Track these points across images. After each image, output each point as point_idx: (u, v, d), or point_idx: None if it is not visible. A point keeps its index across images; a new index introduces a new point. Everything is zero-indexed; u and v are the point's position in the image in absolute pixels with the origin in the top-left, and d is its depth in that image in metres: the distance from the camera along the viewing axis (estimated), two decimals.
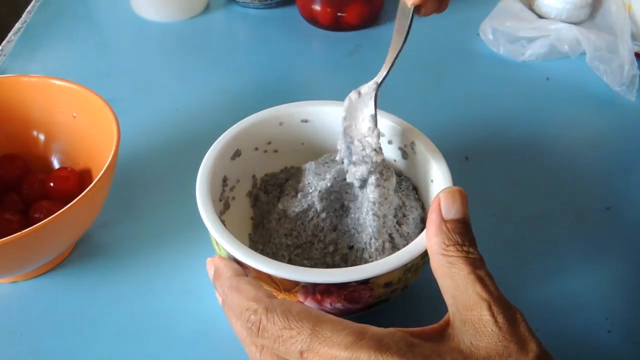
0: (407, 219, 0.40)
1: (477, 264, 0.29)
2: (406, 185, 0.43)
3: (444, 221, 0.31)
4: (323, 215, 0.39)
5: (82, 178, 0.46)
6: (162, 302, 0.41)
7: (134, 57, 0.66)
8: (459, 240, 0.30)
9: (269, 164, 0.44)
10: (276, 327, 0.28)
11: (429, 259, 0.37)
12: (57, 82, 0.45)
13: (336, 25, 0.69)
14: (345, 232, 0.39)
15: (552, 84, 0.62)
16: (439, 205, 0.31)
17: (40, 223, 0.35)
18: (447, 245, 0.30)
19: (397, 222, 0.40)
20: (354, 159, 0.38)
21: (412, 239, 0.36)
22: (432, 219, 0.31)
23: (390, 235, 0.39)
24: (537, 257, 0.44)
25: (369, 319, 0.40)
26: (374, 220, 0.38)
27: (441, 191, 0.32)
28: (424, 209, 0.42)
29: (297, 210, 0.39)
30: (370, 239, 0.38)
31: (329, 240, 0.39)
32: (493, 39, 0.65)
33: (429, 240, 0.31)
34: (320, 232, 0.39)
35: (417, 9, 0.36)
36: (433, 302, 0.41)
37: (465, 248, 0.30)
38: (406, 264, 0.33)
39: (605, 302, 0.41)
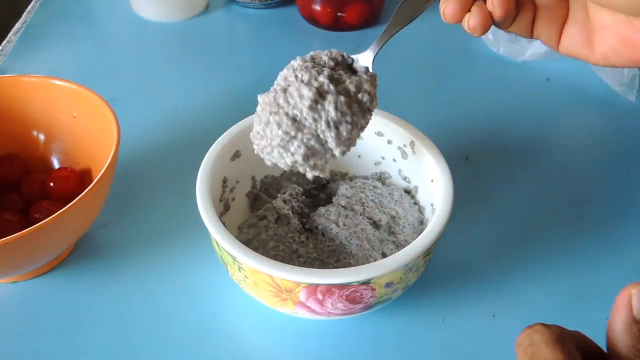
0: (403, 227, 0.41)
1: None
2: (398, 193, 0.43)
3: (636, 322, 0.28)
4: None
5: (82, 178, 0.46)
6: (162, 302, 0.41)
7: (134, 57, 0.66)
8: None
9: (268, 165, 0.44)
10: None
11: (430, 258, 0.38)
12: (57, 82, 0.45)
13: (336, 25, 0.69)
14: (318, 259, 0.39)
15: (552, 84, 0.62)
16: (629, 302, 0.28)
17: (40, 223, 0.35)
18: (639, 351, 0.27)
19: (390, 233, 0.40)
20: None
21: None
22: (619, 315, 0.28)
23: (383, 253, 0.39)
24: (537, 257, 0.44)
25: (370, 318, 0.40)
26: (360, 246, 0.38)
27: (633, 286, 0.28)
28: (420, 211, 0.42)
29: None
30: (358, 261, 0.38)
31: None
32: (493, 39, 0.65)
33: (614, 338, 0.28)
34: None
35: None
36: (434, 302, 0.41)
37: None
38: (407, 264, 0.33)
39: (605, 302, 0.41)
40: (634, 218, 0.47)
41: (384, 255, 0.38)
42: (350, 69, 0.36)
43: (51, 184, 0.45)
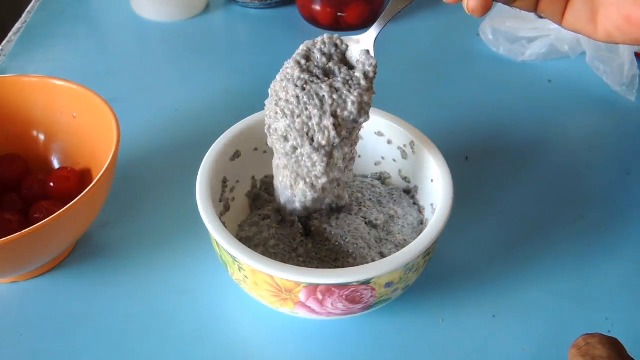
0: (402, 227, 0.40)
1: None
2: (397, 193, 0.43)
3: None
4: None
5: (82, 178, 0.46)
6: (162, 302, 0.41)
7: (134, 57, 0.66)
8: None
9: (269, 164, 0.44)
10: None
11: (430, 258, 0.37)
12: (57, 82, 0.45)
13: (336, 25, 0.69)
14: (317, 258, 0.39)
15: (552, 84, 0.62)
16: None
17: (40, 223, 0.35)
18: None
19: (389, 232, 0.40)
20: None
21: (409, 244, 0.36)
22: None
23: (381, 252, 0.39)
24: (537, 257, 0.44)
25: (370, 318, 0.40)
26: (355, 245, 0.38)
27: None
28: (420, 211, 0.42)
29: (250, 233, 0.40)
30: (356, 259, 0.38)
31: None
32: (493, 39, 0.65)
33: None
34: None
35: None
36: (434, 302, 0.41)
37: None
38: (407, 264, 0.33)
39: (605, 302, 0.41)
40: (634, 218, 0.47)
41: (382, 255, 0.38)
42: (345, 62, 0.36)
43: (51, 184, 0.45)
